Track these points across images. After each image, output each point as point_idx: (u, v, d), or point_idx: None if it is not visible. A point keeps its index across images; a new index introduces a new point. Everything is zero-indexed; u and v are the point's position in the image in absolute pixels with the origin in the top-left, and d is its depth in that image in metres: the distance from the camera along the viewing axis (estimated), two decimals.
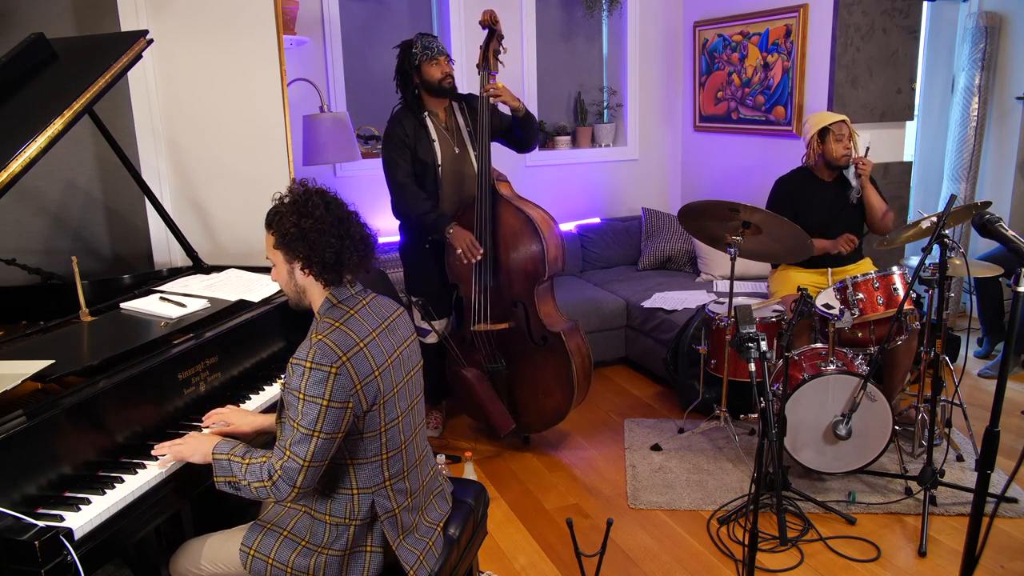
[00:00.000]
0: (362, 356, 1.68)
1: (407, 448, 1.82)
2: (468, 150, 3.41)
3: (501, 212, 3.30)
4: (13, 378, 1.71)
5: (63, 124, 2.10)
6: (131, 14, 2.84)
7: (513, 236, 3.29)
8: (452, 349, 3.44)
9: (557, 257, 3.31)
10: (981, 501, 1.79)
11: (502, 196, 3.31)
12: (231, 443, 1.77)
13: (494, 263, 3.31)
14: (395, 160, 3.31)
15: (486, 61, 3.26)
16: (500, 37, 3.26)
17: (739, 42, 4.72)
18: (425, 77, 3.27)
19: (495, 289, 3.34)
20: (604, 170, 5.26)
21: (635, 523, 2.94)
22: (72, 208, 2.99)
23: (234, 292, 2.45)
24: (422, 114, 3.34)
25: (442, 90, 3.30)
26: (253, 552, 1.78)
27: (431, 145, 3.33)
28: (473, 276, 3.33)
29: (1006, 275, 3.36)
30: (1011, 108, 4.59)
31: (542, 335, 3.32)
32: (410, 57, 3.28)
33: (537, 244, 3.25)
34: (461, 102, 3.45)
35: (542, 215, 3.32)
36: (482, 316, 3.35)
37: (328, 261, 1.71)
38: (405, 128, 3.31)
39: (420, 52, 3.25)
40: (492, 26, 3.23)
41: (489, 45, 3.26)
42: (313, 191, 1.75)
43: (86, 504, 1.61)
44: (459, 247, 3.24)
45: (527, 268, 3.28)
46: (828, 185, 3.62)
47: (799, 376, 3.02)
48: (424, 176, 3.35)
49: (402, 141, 3.30)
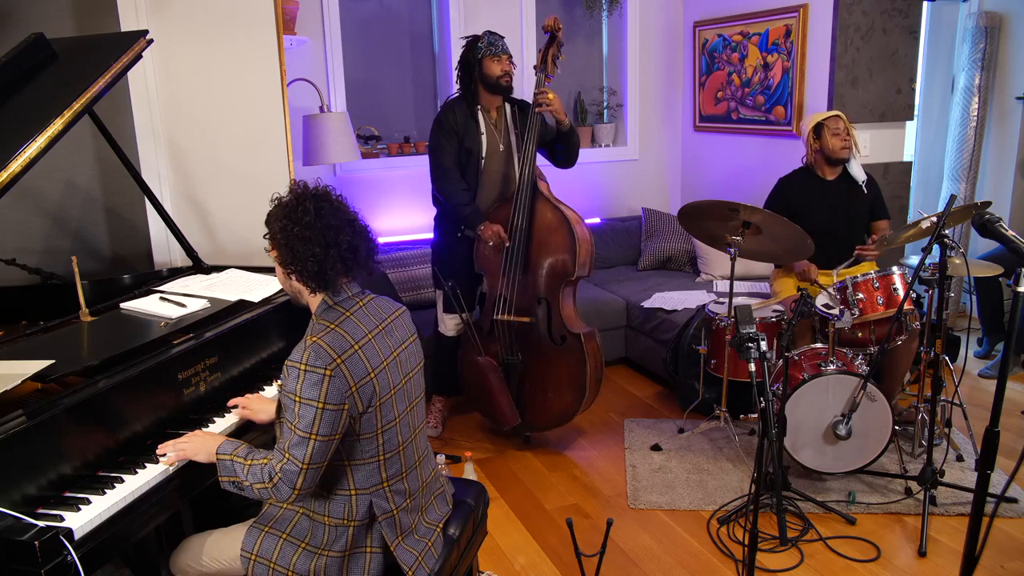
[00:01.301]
0: (357, 358, 1.68)
1: (405, 449, 1.81)
2: (513, 151, 3.48)
3: (539, 207, 3.36)
4: (13, 378, 1.71)
5: (63, 124, 2.10)
6: (131, 14, 2.84)
7: (548, 232, 3.34)
8: (472, 335, 3.46)
9: (587, 260, 3.35)
10: (981, 501, 1.79)
11: (541, 193, 3.37)
12: (234, 443, 1.78)
13: (525, 257, 3.36)
14: (442, 144, 3.37)
15: (544, 64, 3.38)
16: (560, 43, 3.40)
17: (739, 42, 4.72)
18: (485, 71, 3.34)
19: (522, 283, 3.38)
20: (604, 170, 5.26)
21: (635, 523, 2.94)
22: (72, 208, 2.99)
23: (234, 292, 2.45)
24: (475, 107, 3.41)
25: (499, 87, 3.36)
26: (255, 557, 1.77)
27: (478, 137, 3.40)
28: (501, 268, 3.37)
29: (1006, 275, 3.36)
30: (1011, 108, 4.59)
31: (561, 334, 3.35)
32: (475, 50, 3.34)
33: (570, 243, 3.30)
34: (514, 106, 3.52)
35: (577, 217, 3.37)
36: (506, 308, 3.39)
37: (310, 270, 1.71)
38: (456, 116, 3.38)
39: (485, 47, 3.32)
40: (555, 32, 3.37)
41: (548, 49, 3.40)
42: (309, 195, 1.73)
43: (86, 504, 1.61)
44: (490, 239, 3.32)
45: (556, 267, 3.33)
46: (830, 184, 3.62)
47: (799, 376, 3.02)
48: (467, 166, 3.41)
49: (451, 128, 3.37)
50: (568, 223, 3.31)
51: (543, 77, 3.37)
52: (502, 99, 3.46)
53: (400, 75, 4.74)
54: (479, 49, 3.33)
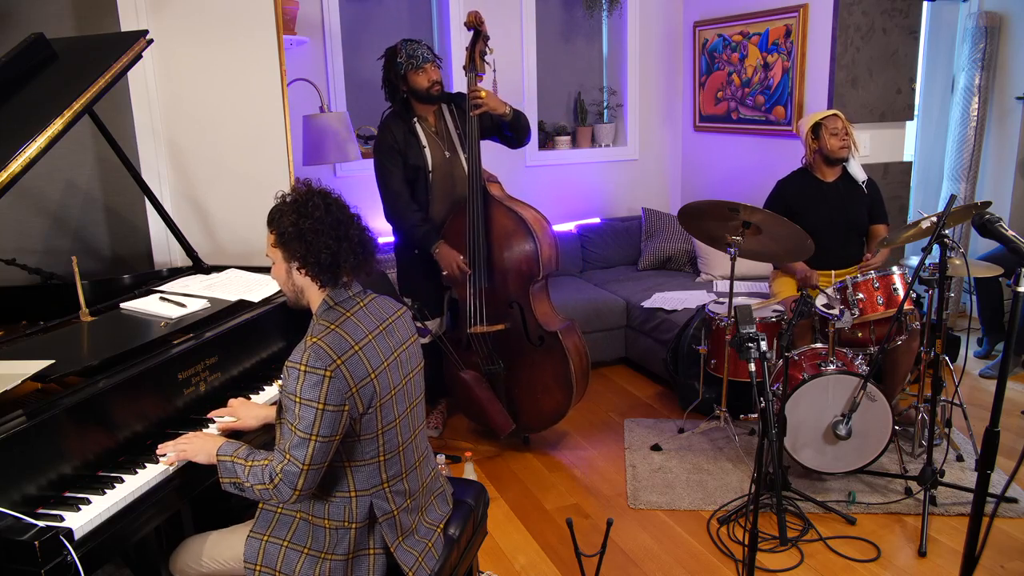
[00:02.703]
0: (357, 359, 1.68)
1: (405, 450, 1.81)
2: (458, 153, 3.41)
3: (493, 213, 3.30)
4: (13, 378, 1.71)
5: (63, 124, 2.10)
6: (131, 14, 2.84)
7: (506, 237, 3.29)
8: (449, 352, 3.44)
9: (551, 257, 3.31)
10: (981, 501, 1.79)
11: (493, 197, 3.31)
12: (235, 444, 1.77)
13: (488, 265, 3.31)
14: (388, 168, 3.32)
15: (472, 63, 3.26)
16: (486, 38, 3.26)
17: (739, 42, 4.72)
18: (412, 86, 3.27)
19: (490, 291, 3.34)
20: (604, 170, 5.26)
21: (635, 523, 2.94)
22: (72, 208, 2.99)
23: (234, 292, 2.45)
24: (411, 120, 3.34)
25: (430, 97, 3.29)
26: (259, 567, 1.76)
27: (421, 151, 3.34)
28: (467, 280, 3.33)
29: (1006, 275, 3.36)
30: (1011, 108, 4.59)
31: (539, 335, 3.32)
32: (395, 66, 3.26)
33: (530, 244, 3.25)
34: (450, 103, 3.44)
35: (534, 215, 3.32)
36: (478, 318, 3.35)
37: (324, 263, 1.71)
38: (395, 135, 3.31)
39: (405, 61, 3.23)
40: (477, 27, 3.23)
41: (475, 46, 3.25)
42: (315, 191, 1.75)
43: (86, 504, 1.61)
44: (446, 269, 3.27)
45: (521, 268, 3.29)
46: (829, 186, 3.62)
47: (799, 376, 3.02)
48: (415, 181, 3.36)
49: (392, 148, 3.30)
50: (525, 223, 3.25)
51: (473, 77, 3.25)
52: (438, 104, 3.39)
53: None
54: (399, 65, 3.24)
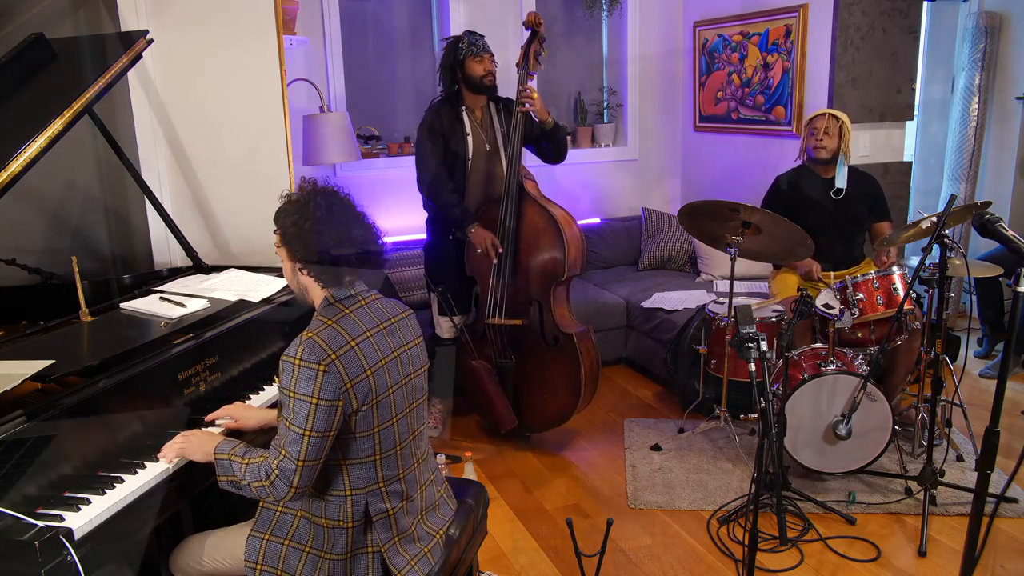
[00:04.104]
0: (352, 355, 1.68)
1: (403, 450, 1.81)
2: (499, 150, 3.47)
3: (526, 209, 3.34)
4: (13, 378, 1.71)
5: (63, 124, 2.10)
6: (131, 14, 2.84)
7: (536, 234, 3.32)
8: (465, 339, 3.46)
9: (577, 259, 3.34)
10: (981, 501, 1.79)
11: (528, 194, 3.36)
12: (232, 443, 1.77)
13: (514, 260, 3.35)
14: (428, 147, 3.38)
15: (526, 61, 3.34)
16: (542, 39, 3.35)
17: (739, 42, 4.72)
18: (468, 72, 3.34)
19: (512, 286, 3.37)
20: (604, 170, 5.26)
21: (635, 523, 2.94)
22: (72, 208, 2.99)
23: (234, 292, 2.45)
24: (460, 108, 3.41)
25: (483, 87, 3.36)
26: (260, 566, 1.76)
27: (464, 138, 3.40)
28: (492, 271, 3.36)
29: (1006, 275, 3.36)
30: (1011, 108, 4.59)
31: (554, 335, 3.34)
32: (456, 52, 3.34)
33: (559, 243, 3.28)
34: (499, 104, 3.51)
35: (565, 215, 3.36)
36: (497, 311, 3.38)
37: (323, 263, 1.72)
38: (442, 118, 3.38)
39: (466, 47, 3.32)
40: (535, 27, 3.33)
41: (531, 46, 3.35)
42: (319, 191, 1.76)
43: (86, 504, 1.61)
44: (480, 246, 3.31)
45: (547, 267, 3.32)
46: (827, 182, 3.61)
47: (799, 376, 3.02)
48: (453, 168, 3.41)
49: (437, 130, 3.37)
50: (556, 223, 3.29)
51: (525, 74, 3.34)
52: (486, 99, 3.46)
53: (400, 75, 4.74)
54: (460, 50, 3.32)
